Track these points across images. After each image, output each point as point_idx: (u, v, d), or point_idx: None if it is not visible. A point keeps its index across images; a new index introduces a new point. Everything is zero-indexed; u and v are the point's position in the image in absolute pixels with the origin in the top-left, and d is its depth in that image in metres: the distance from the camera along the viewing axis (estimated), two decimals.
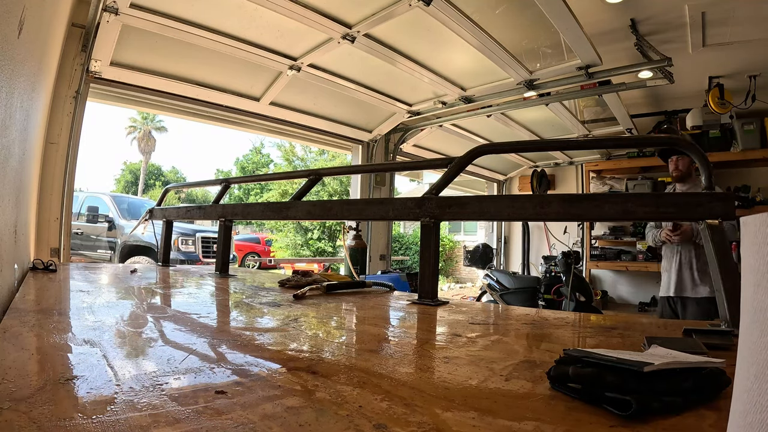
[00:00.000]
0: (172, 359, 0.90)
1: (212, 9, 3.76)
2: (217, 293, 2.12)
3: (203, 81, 4.82)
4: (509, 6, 3.69)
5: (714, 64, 5.03)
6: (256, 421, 0.61)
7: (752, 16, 3.85)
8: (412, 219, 1.98)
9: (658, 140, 2.37)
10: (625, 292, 8.38)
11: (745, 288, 0.38)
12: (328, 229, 23.17)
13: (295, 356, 0.98)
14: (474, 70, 4.97)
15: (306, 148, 26.76)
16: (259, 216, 2.87)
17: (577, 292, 6.50)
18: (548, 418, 0.66)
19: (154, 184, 44.46)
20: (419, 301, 1.80)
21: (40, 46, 2.20)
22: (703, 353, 0.88)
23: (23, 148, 2.01)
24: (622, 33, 4.21)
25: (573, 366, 0.74)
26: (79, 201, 11.32)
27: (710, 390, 0.70)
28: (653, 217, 1.52)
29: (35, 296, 1.65)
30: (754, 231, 0.37)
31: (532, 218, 2.08)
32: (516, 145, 2.04)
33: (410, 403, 0.70)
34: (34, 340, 1.00)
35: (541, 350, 1.11)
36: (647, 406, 0.63)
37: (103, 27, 3.56)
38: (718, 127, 6.66)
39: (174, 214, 3.50)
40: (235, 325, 1.44)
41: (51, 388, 0.69)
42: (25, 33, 1.46)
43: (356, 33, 4.01)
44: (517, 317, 1.66)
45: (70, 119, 3.74)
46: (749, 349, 0.36)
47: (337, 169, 3.33)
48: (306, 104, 5.73)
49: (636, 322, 1.48)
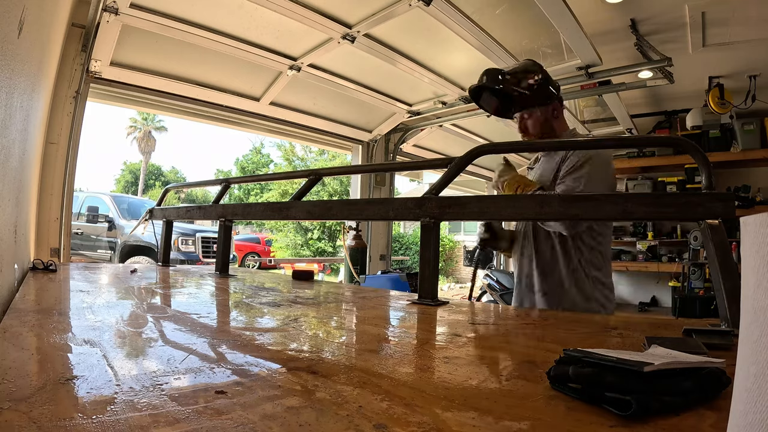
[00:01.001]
0: (172, 359, 0.90)
1: (212, 9, 3.76)
2: (217, 293, 2.12)
3: (203, 81, 4.83)
4: (509, 6, 3.70)
5: (714, 64, 5.04)
6: (256, 421, 0.61)
7: (752, 16, 3.86)
8: (412, 219, 1.98)
9: (657, 140, 2.37)
10: (625, 292, 8.38)
11: (745, 288, 0.38)
12: (328, 229, 23.19)
13: (295, 356, 0.98)
14: (474, 70, 4.93)
15: (306, 148, 26.82)
16: (259, 216, 2.87)
17: None
18: (548, 418, 0.66)
19: (154, 184, 44.51)
20: (419, 301, 1.80)
21: (40, 46, 2.20)
22: (704, 353, 0.88)
23: (23, 148, 2.01)
24: (622, 33, 4.21)
25: (573, 366, 0.74)
26: (79, 201, 11.33)
27: (710, 390, 0.70)
28: (653, 217, 1.52)
29: (35, 296, 1.65)
30: (754, 231, 0.37)
31: (533, 218, 2.08)
32: (516, 145, 2.04)
33: (410, 403, 0.70)
34: (34, 340, 1.00)
35: (541, 350, 1.11)
36: (647, 406, 0.63)
37: (103, 27, 3.56)
38: (718, 127, 6.69)
39: (174, 214, 3.50)
40: (235, 325, 1.44)
41: (51, 388, 0.69)
42: (25, 33, 1.46)
43: (356, 33, 4.02)
44: (517, 317, 1.66)
45: (70, 119, 3.75)
46: (749, 348, 0.36)
47: (337, 169, 3.33)
48: (306, 104, 5.73)
49: (636, 321, 1.48)
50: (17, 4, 1.28)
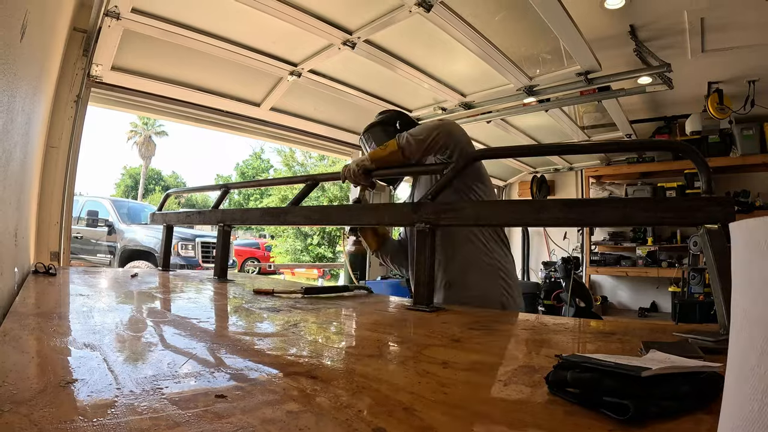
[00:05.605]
0: (173, 363, 0.90)
1: (213, 14, 3.78)
2: (217, 298, 2.12)
3: (204, 86, 4.84)
4: (509, 12, 3.71)
5: (713, 69, 5.06)
6: (256, 424, 0.61)
7: (751, 21, 3.88)
8: (407, 224, 1.98)
9: (656, 144, 2.38)
10: (625, 298, 8.39)
11: (734, 293, 0.39)
12: (328, 235, 23.21)
13: (295, 361, 0.98)
14: (474, 77, 4.98)
15: (306, 153, 26.88)
16: (257, 221, 2.87)
17: (576, 298, 6.52)
18: (546, 423, 0.67)
19: (154, 189, 44.58)
20: (414, 307, 1.79)
21: (42, 50, 2.21)
22: (700, 357, 0.88)
23: (25, 152, 2.02)
24: (621, 39, 4.23)
25: (571, 371, 0.74)
26: (79, 205, 11.34)
27: (708, 394, 0.71)
28: (652, 222, 1.52)
29: (35, 300, 1.65)
30: (743, 236, 0.38)
31: (530, 224, 2.08)
32: (513, 150, 2.05)
33: (409, 407, 0.70)
34: (35, 344, 1.00)
35: (540, 356, 1.11)
36: (645, 411, 0.64)
37: (105, 31, 3.58)
38: (717, 132, 6.72)
39: (174, 219, 3.51)
40: (234, 329, 1.44)
41: (52, 391, 0.69)
42: (27, 37, 1.46)
43: (357, 39, 4.03)
44: (517, 323, 1.66)
45: (71, 123, 3.75)
46: (737, 353, 0.37)
47: (335, 175, 3.32)
48: (306, 110, 5.74)
49: (635, 327, 1.48)
50: (20, 8, 1.29)
